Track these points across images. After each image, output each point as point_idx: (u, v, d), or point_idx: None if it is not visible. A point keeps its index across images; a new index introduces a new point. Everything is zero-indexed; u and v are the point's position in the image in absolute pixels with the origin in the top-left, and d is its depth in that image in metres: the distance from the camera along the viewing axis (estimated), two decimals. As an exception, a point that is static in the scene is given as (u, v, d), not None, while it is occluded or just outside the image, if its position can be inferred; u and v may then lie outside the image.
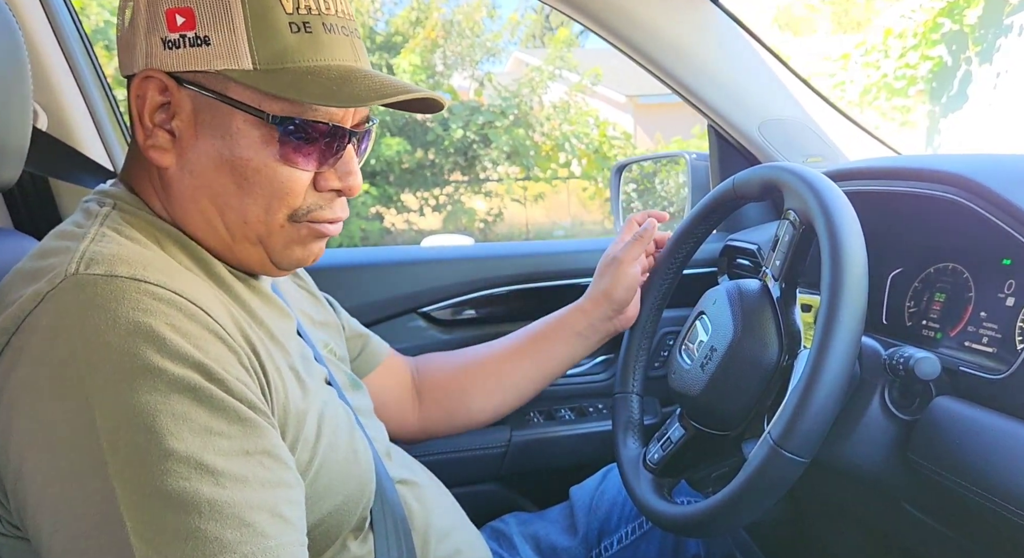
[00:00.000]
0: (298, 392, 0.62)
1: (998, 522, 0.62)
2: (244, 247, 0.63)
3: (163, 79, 0.58)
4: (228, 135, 0.59)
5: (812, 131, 1.26)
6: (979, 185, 0.76)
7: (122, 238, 0.57)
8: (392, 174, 8.16)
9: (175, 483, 0.47)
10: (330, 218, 0.65)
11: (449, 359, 1.04)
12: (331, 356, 0.80)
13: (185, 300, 0.52)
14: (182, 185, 0.61)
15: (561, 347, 1.01)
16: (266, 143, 0.59)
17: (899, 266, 0.96)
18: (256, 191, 0.60)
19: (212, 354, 0.51)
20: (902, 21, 7.39)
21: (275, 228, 0.62)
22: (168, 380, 0.49)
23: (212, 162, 0.60)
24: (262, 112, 0.58)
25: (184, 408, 0.49)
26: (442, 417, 1.00)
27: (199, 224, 0.62)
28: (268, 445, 0.52)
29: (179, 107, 0.59)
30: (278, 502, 0.51)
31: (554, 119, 8.50)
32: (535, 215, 9.74)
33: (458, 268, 1.26)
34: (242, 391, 0.52)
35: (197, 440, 0.48)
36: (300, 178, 0.61)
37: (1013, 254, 0.79)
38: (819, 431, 0.65)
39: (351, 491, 0.65)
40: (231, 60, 0.57)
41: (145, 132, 0.60)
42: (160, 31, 0.58)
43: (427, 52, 7.99)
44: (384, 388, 0.95)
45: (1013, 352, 0.73)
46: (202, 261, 0.62)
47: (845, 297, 0.65)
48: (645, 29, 1.18)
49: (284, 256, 0.65)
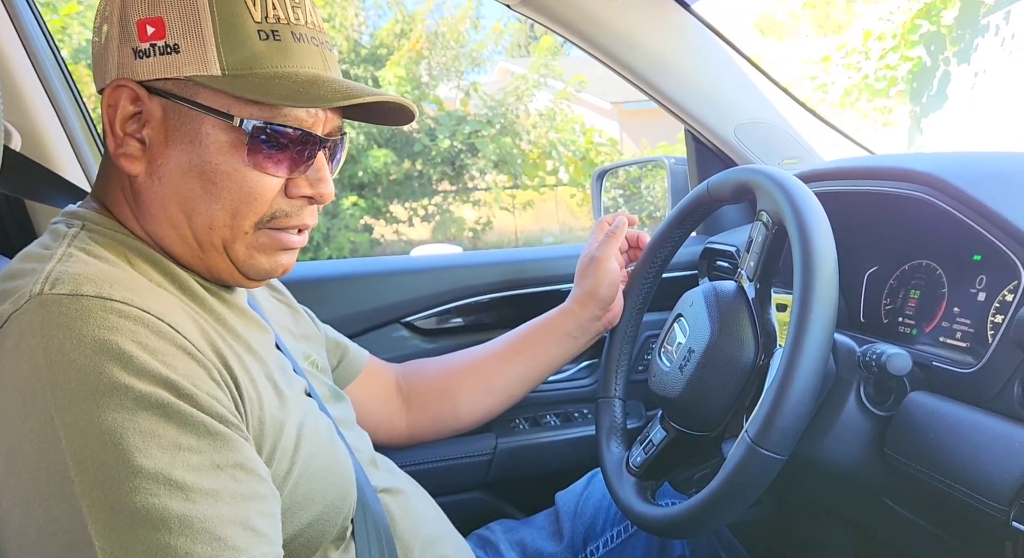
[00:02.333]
0: (275, 402, 0.62)
1: (972, 514, 0.63)
2: (212, 255, 0.63)
3: (134, 88, 0.59)
4: (197, 141, 0.59)
5: (787, 133, 1.28)
6: (948, 184, 0.77)
7: (89, 257, 0.57)
8: (380, 186, 8.15)
9: (144, 500, 0.46)
10: (297, 224, 0.65)
11: (436, 364, 1.04)
12: (312, 368, 0.80)
13: (152, 317, 0.52)
14: (151, 193, 0.61)
15: (552, 348, 1.02)
16: (235, 148, 0.60)
17: (875, 264, 0.97)
18: (224, 196, 0.60)
19: (180, 370, 0.51)
20: (881, 23, 7.46)
21: (239, 234, 0.62)
22: (135, 397, 0.48)
23: (180, 168, 0.60)
24: (230, 116, 0.59)
25: (152, 425, 0.48)
26: (430, 421, 1.00)
27: (168, 234, 0.62)
28: (240, 458, 0.52)
29: (149, 115, 0.60)
30: (250, 515, 0.51)
31: (540, 127, 8.52)
32: (524, 223, 9.76)
33: (440, 277, 1.26)
34: (212, 405, 0.52)
35: (166, 456, 0.48)
36: (269, 184, 0.61)
37: (983, 250, 0.80)
38: (795, 428, 0.65)
39: (331, 501, 0.65)
40: (200, 66, 0.58)
41: (116, 141, 0.60)
42: (131, 42, 0.59)
43: (412, 64, 7.99)
44: (368, 396, 0.95)
45: (985, 346, 0.74)
46: (173, 276, 0.62)
47: (816, 296, 0.66)
48: (622, 38, 1.19)
49: (250, 265, 0.64)
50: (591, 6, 1.14)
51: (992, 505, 0.60)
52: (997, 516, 0.60)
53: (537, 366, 1.02)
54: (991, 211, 0.72)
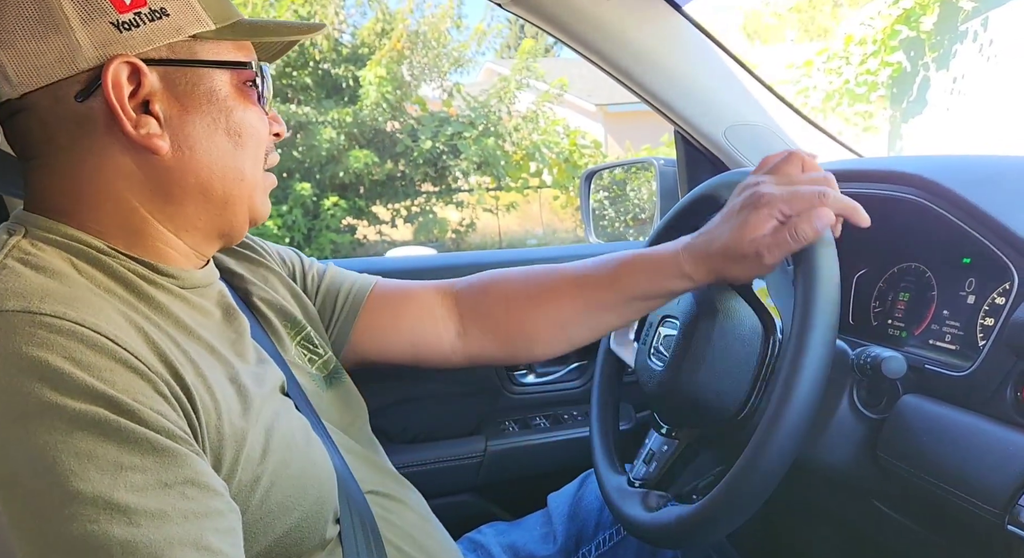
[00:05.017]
0: (238, 409, 0.58)
1: (964, 516, 0.64)
2: (236, 209, 0.65)
3: (133, 62, 0.56)
4: (214, 98, 0.61)
5: (777, 136, 1.28)
6: (939, 186, 0.77)
7: (25, 268, 0.52)
8: (362, 186, 8.11)
9: (81, 528, 0.43)
10: (275, 163, 0.70)
11: (515, 280, 0.88)
12: (301, 351, 0.78)
13: (87, 329, 0.49)
14: (182, 167, 0.61)
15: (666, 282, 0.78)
16: (245, 94, 0.63)
17: (864, 267, 0.97)
18: (249, 144, 0.63)
19: (120, 385, 0.48)
20: (862, 28, 7.51)
21: (259, 178, 0.66)
22: (68, 417, 0.45)
23: (207, 130, 0.61)
24: (246, 63, 0.62)
25: (89, 445, 0.45)
26: (497, 349, 0.88)
27: (193, 208, 0.63)
28: (191, 474, 0.49)
29: (152, 88, 0.58)
30: (204, 533, 0.47)
31: (522, 129, 8.51)
32: (508, 224, 9.75)
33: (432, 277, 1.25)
34: (157, 420, 0.48)
35: (106, 478, 0.44)
36: (266, 123, 0.66)
37: (972, 253, 0.81)
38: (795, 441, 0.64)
39: (309, 508, 0.62)
40: (197, 23, 0.59)
41: (132, 123, 0.57)
42: (107, 16, 0.55)
43: (393, 64, 7.94)
44: (384, 323, 0.87)
45: (975, 349, 0.75)
46: (123, 279, 0.58)
47: (817, 321, 0.63)
48: (613, 38, 1.19)
49: (262, 210, 0.68)
50: (583, 6, 1.14)
51: (987, 509, 0.60)
52: (991, 520, 0.60)
53: (613, 319, 0.84)
54: (983, 213, 0.72)
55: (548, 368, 1.32)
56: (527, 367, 1.31)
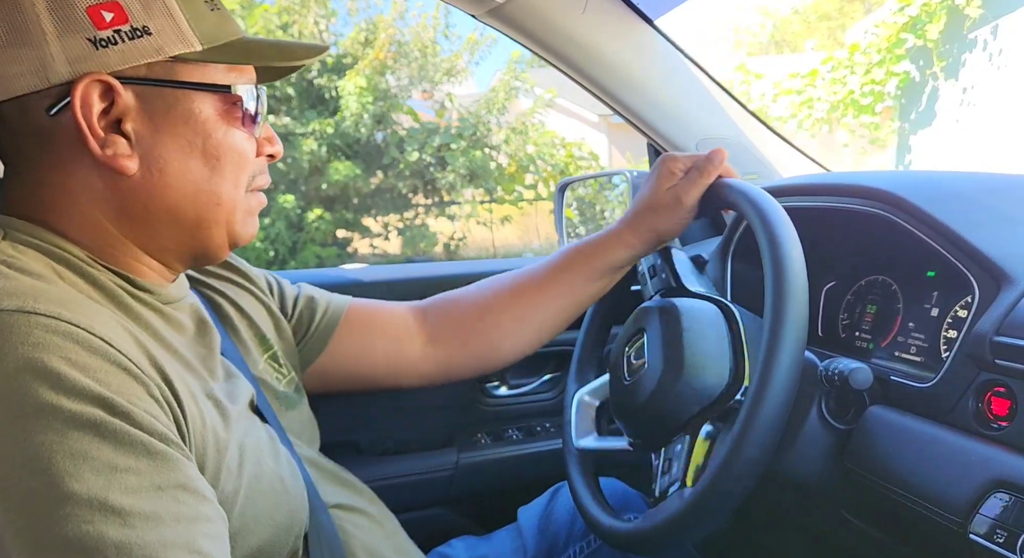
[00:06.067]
0: (219, 420, 0.58)
1: (927, 525, 0.64)
2: (211, 232, 0.63)
3: (107, 81, 0.55)
4: (192, 120, 0.59)
5: (747, 149, 1.30)
6: (905, 201, 0.79)
7: (11, 270, 0.52)
8: (350, 199, 7.96)
9: (76, 529, 0.43)
10: (265, 183, 0.68)
11: (470, 294, 0.95)
12: (270, 366, 0.78)
13: (82, 331, 0.49)
14: (151, 189, 0.59)
15: (588, 285, 0.92)
16: (227, 117, 0.61)
17: (832, 279, 0.99)
18: (227, 168, 0.62)
19: (114, 387, 0.48)
20: (867, 37, 7.25)
21: (240, 201, 0.64)
22: (64, 418, 0.45)
23: (181, 152, 0.59)
24: (227, 87, 0.60)
25: (84, 446, 0.45)
26: (468, 357, 0.93)
27: (166, 229, 0.61)
28: (183, 478, 0.49)
29: (126, 107, 0.56)
30: (196, 537, 0.48)
31: (512, 141, 8.34)
32: (507, 237, 9.52)
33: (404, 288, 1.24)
34: (151, 423, 0.49)
35: (100, 479, 0.45)
36: (252, 145, 0.64)
37: (937, 267, 0.82)
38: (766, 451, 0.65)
39: (281, 521, 0.62)
40: (181, 44, 0.57)
41: (100, 142, 0.56)
42: (84, 32, 0.54)
43: (376, 74, 7.84)
44: (362, 343, 0.90)
45: (939, 360, 0.76)
46: (105, 289, 0.58)
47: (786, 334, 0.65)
48: (586, 51, 1.20)
49: (244, 232, 0.66)
50: (557, 19, 1.15)
51: (949, 518, 0.61)
52: (954, 529, 0.61)
53: (569, 305, 0.92)
54: (946, 228, 0.74)
55: (521, 380, 1.32)
56: (500, 379, 1.31)
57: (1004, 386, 0.63)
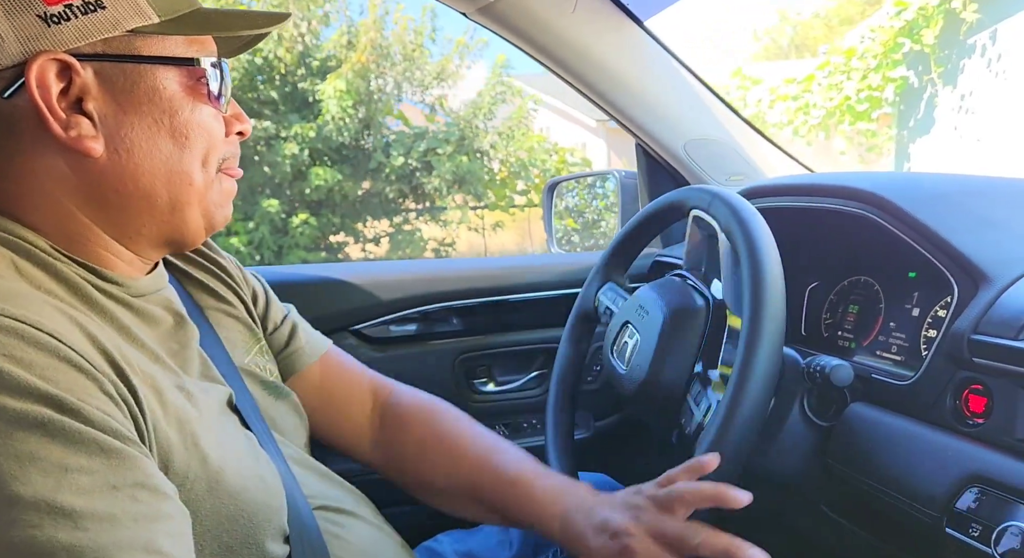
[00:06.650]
0: (191, 414, 0.57)
1: (906, 520, 0.66)
2: (187, 214, 0.61)
3: (63, 59, 0.53)
4: (156, 96, 0.57)
5: (734, 150, 1.31)
6: (887, 201, 0.80)
7: None
8: (336, 204, 7.84)
9: (23, 533, 0.41)
10: (236, 171, 0.66)
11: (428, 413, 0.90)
12: (257, 359, 0.76)
13: (28, 326, 0.46)
14: (118, 170, 0.56)
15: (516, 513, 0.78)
16: (193, 92, 0.59)
17: (816, 279, 1.00)
18: (196, 145, 0.59)
19: (63, 384, 0.46)
20: (863, 42, 7.07)
21: (211, 182, 0.62)
22: (8, 418, 0.43)
23: (148, 131, 0.57)
24: (192, 60, 0.58)
25: (31, 447, 0.43)
26: (398, 477, 0.89)
27: (140, 214, 0.59)
28: (140, 477, 0.47)
29: (85, 85, 0.54)
30: (155, 536, 0.46)
31: (499, 147, 8.19)
32: (503, 242, 9.38)
33: (390, 285, 1.25)
34: (104, 420, 0.46)
35: (49, 481, 0.43)
36: (220, 122, 0.62)
37: (918, 267, 0.84)
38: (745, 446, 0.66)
39: (259, 523, 0.60)
40: (137, 16, 0.55)
41: (62, 124, 0.54)
42: (33, 8, 0.52)
43: (358, 77, 7.71)
44: (326, 389, 0.88)
45: (919, 359, 0.77)
46: (67, 281, 0.55)
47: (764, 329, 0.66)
48: (576, 51, 1.21)
49: (219, 215, 0.64)
50: (547, 18, 1.15)
51: (927, 512, 0.63)
52: (931, 523, 0.62)
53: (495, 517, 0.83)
54: (928, 229, 0.75)
55: (508, 377, 1.32)
56: (488, 376, 1.31)
57: (981, 383, 0.65)
